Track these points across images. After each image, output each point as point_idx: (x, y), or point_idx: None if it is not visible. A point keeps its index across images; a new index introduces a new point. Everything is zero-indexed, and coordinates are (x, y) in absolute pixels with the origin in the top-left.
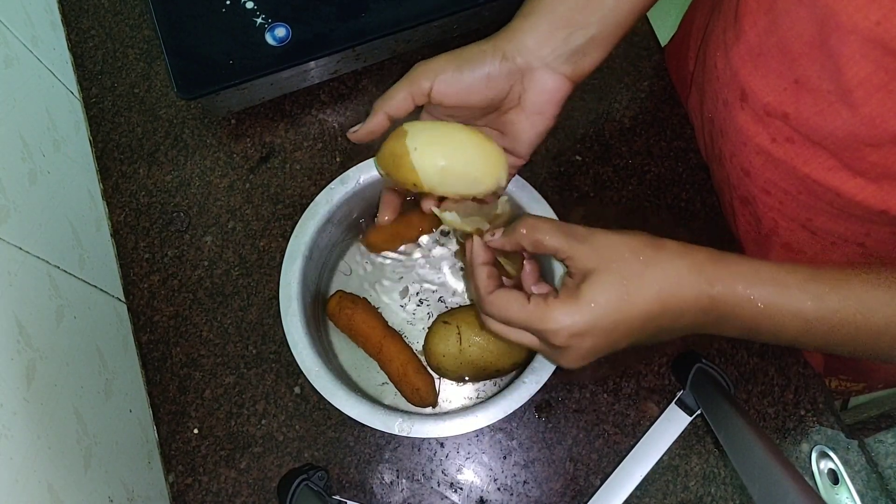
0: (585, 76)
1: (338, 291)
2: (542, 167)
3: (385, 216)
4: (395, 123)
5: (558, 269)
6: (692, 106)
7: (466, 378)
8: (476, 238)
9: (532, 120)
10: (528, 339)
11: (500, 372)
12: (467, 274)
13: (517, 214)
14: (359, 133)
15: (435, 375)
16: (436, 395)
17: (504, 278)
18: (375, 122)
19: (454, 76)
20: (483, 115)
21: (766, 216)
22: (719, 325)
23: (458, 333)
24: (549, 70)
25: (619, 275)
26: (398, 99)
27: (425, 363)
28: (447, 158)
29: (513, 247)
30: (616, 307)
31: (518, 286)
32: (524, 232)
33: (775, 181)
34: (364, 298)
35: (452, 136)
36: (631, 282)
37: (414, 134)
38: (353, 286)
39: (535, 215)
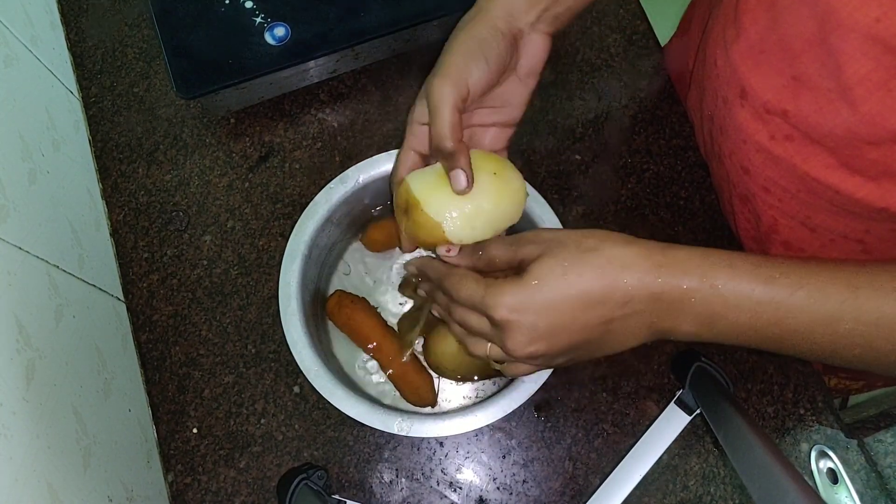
0: (562, 31)
1: (337, 291)
2: (541, 166)
3: (408, 246)
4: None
5: None
6: (691, 104)
7: (467, 377)
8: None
9: (525, 82)
10: (483, 324)
11: (499, 371)
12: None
13: None
14: (460, 187)
15: (434, 375)
16: (435, 394)
17: None
18: (461, 156)
19: (480, 71)
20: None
21: (765, 214)
22: (673, 315)
23: None
24: (536, 32)
25: (560, 257)
26: (456, 123)
27: (425, 363)
28: (482, 226)
29: (467, 263)
30: (554, 284)
31: None
32: (471, 255)
33: (775, 179)
34: (363, 298)
35: (480, 198)
36: (571, 262)
37: (443, 216)
38: (352, 285)
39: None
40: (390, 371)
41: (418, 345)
